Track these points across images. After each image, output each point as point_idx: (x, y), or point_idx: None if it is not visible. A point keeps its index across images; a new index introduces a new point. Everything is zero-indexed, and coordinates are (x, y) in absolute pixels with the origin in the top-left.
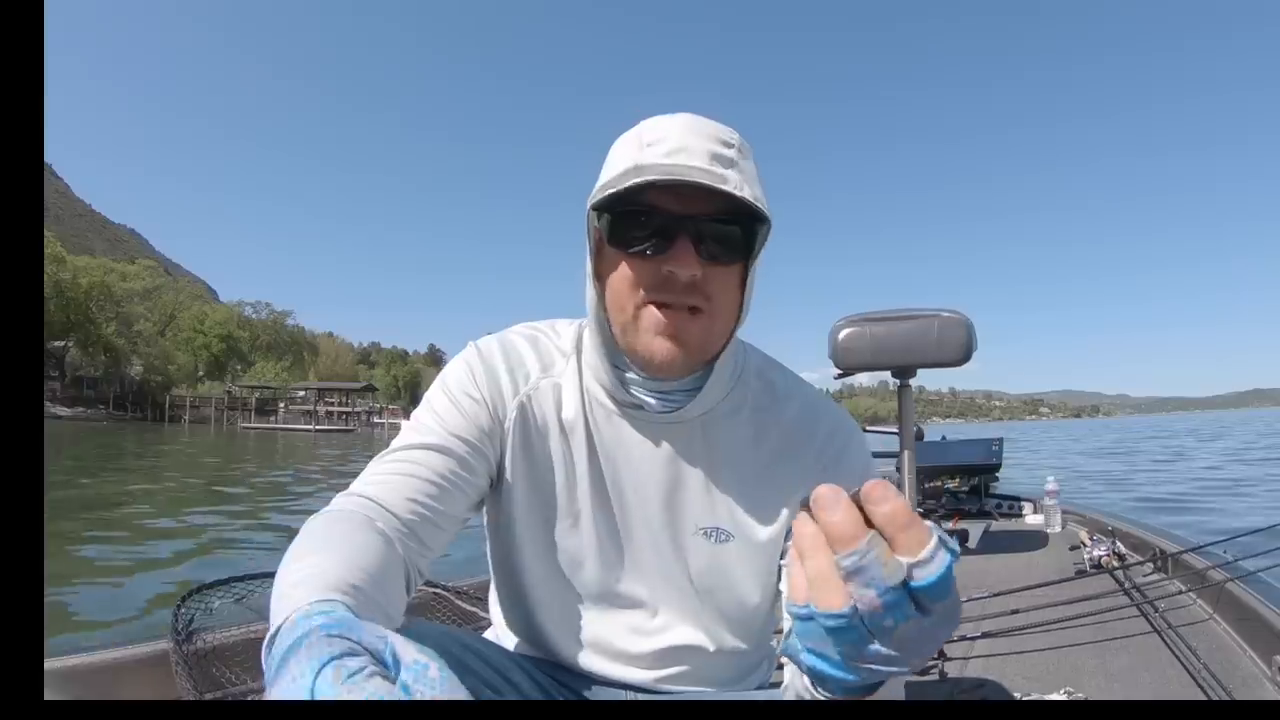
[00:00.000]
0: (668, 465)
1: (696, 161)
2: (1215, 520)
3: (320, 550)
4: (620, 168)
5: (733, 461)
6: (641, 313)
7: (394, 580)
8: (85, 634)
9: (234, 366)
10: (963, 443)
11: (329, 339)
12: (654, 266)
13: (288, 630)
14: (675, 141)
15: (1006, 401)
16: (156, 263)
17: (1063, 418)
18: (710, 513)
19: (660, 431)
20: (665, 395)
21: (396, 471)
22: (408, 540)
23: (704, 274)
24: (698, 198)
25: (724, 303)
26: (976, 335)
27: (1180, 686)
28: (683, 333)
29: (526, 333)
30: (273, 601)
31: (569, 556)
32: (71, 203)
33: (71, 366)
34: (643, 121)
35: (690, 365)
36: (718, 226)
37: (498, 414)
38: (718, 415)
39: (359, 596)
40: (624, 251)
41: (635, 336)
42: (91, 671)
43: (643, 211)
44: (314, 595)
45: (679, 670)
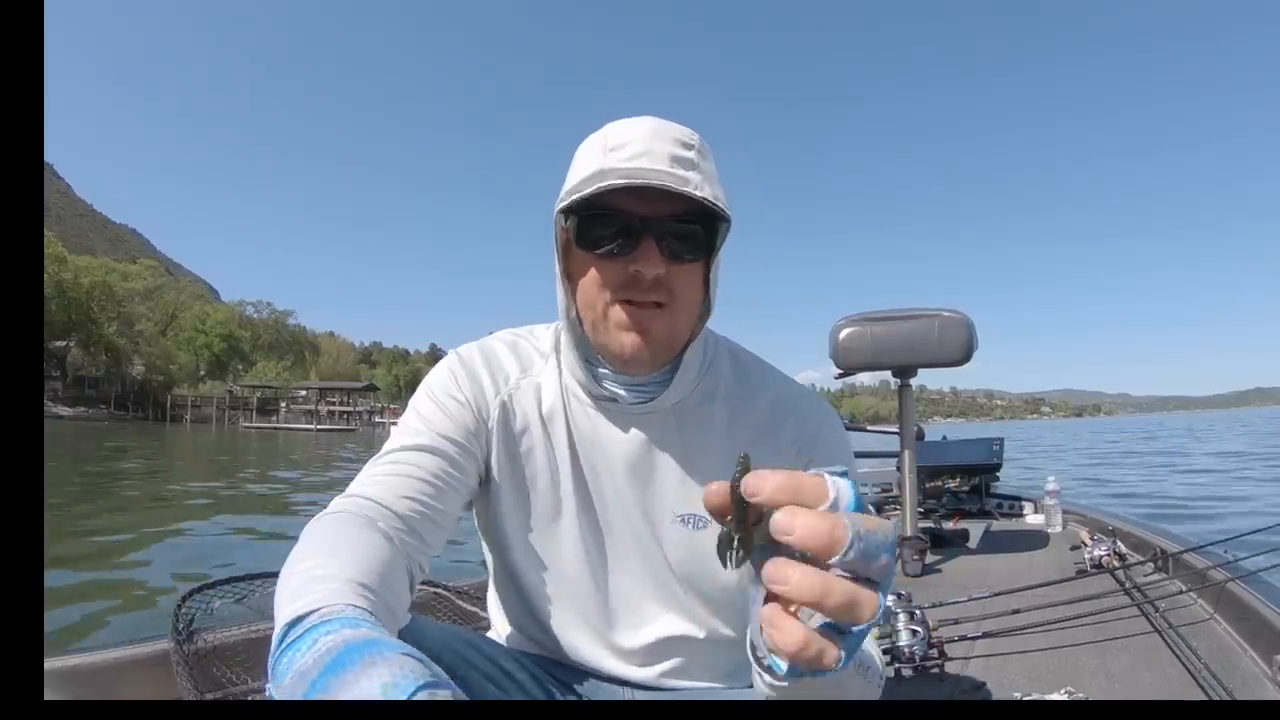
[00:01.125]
0: (643, 455)
1: (659, 165)
2: (1216, 522)
3: (327, 551)
4: (585, 172)
5: (707, 448)
6: (610, 310)
7: (399, 579)
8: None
9: (235, 366)
10: (963, 443)
11: (330, 338)
12: (620, 266)
13: (325, 636)
14: (638, 146)
15: (1008, 401)
16: (158, 262)
17: (1064, 417)
18: (686, 500)
19: (634, 422)
20: (638, 387)
21: (391, 473)
22: (408, 538)
23: (668, 272)
24: (660, 199)
25: (688, 298)
26: (977, 335)
27: (1181, 686)
28: (649, 328)
29: (506, 338)
30: (282, 599)
31: (555, 551)
32: (73, 203)
33: (73, 366)
34: (607, 125)
35: (657, 359)
36: (680, 226)
37: (482, 415)
38: (690, 404)
39: (370, 597)
40: (591, 253)
41: (605, 333)
42: (91, 671)
43: (608, 214)
44: (333, 597)
45: (674, 663)
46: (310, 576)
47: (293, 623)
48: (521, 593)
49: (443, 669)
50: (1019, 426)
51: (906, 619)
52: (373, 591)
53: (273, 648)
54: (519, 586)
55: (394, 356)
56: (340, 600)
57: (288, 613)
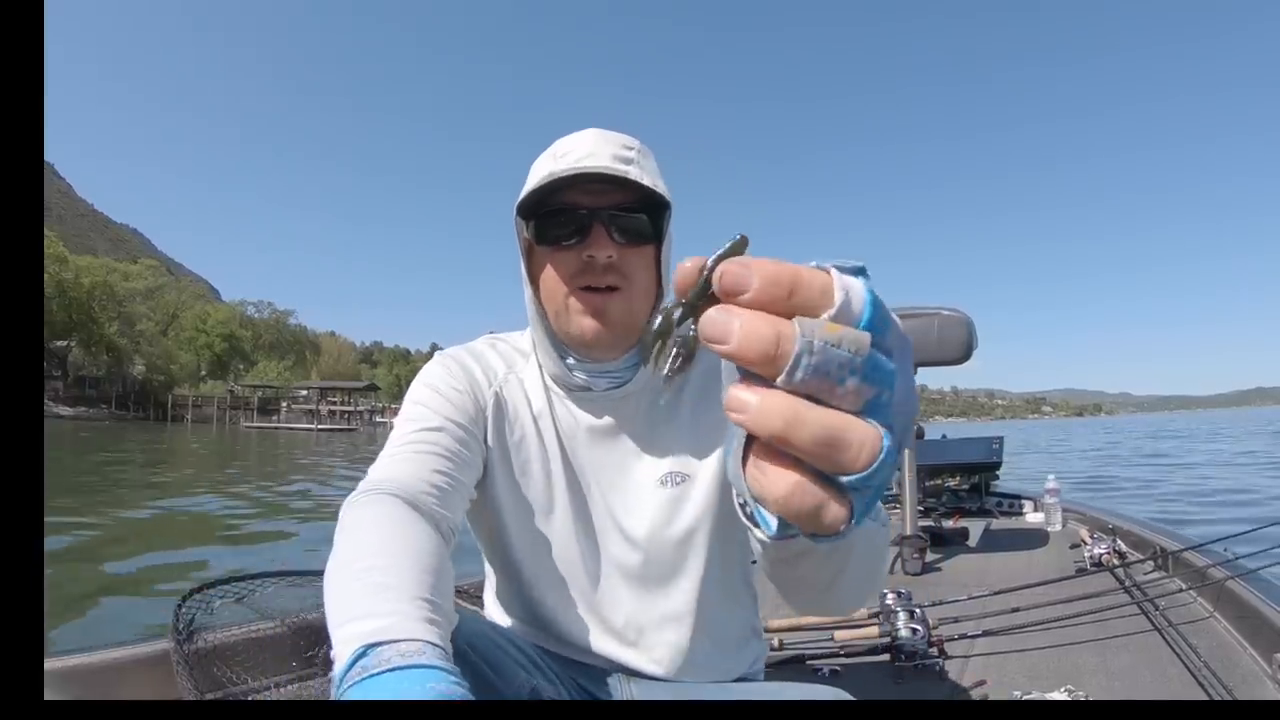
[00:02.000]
0: (619, 437)
1: (601, 162)
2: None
3: (379, 548)
4: (537, 177)
5: (672, 419)
6: (570, 300)
7: (448, 575)
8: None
9: (236, 366)
10: (963, 441)
11: (331, 338)
12: (575, 255)
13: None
14: (583, 150)
15: (1009, 400)
16: (159, 262)
17: (1065, 416)
18: (660, 465)
19: (608, 408)
20: (608, 374)
21: (416, 451)
22: (442, 510)
23: (619, 256)
24: (606, 192)
25: (641, 282)
26: (977, 333)
27: (1181, 685)
28: (607, 311)
29: (487, 341)
30: (341, 604)
31: (550, 541)
32: (74, 203)
33: (74, 366)
34: (555, 141)
35: (618, 342)
36: (625, 215)
37: (480, 403)
38: (657, 385)
39: (435, 617)
40: (550, 248)
41: (567, 321)
42: (91, 671)
43: (560, 210)
44: (405, 626)
45: (675, 646)
46: (372, 584)
47: (367, 648)
48: (519, 585)
49: (482, 656)
50: (1020, 426)
51: (906, 617)
52: (434, 605)
53: (342, 668)
54: (517, 579)
55: (395, 356)
56: (416, 634)
57: (359, 633)
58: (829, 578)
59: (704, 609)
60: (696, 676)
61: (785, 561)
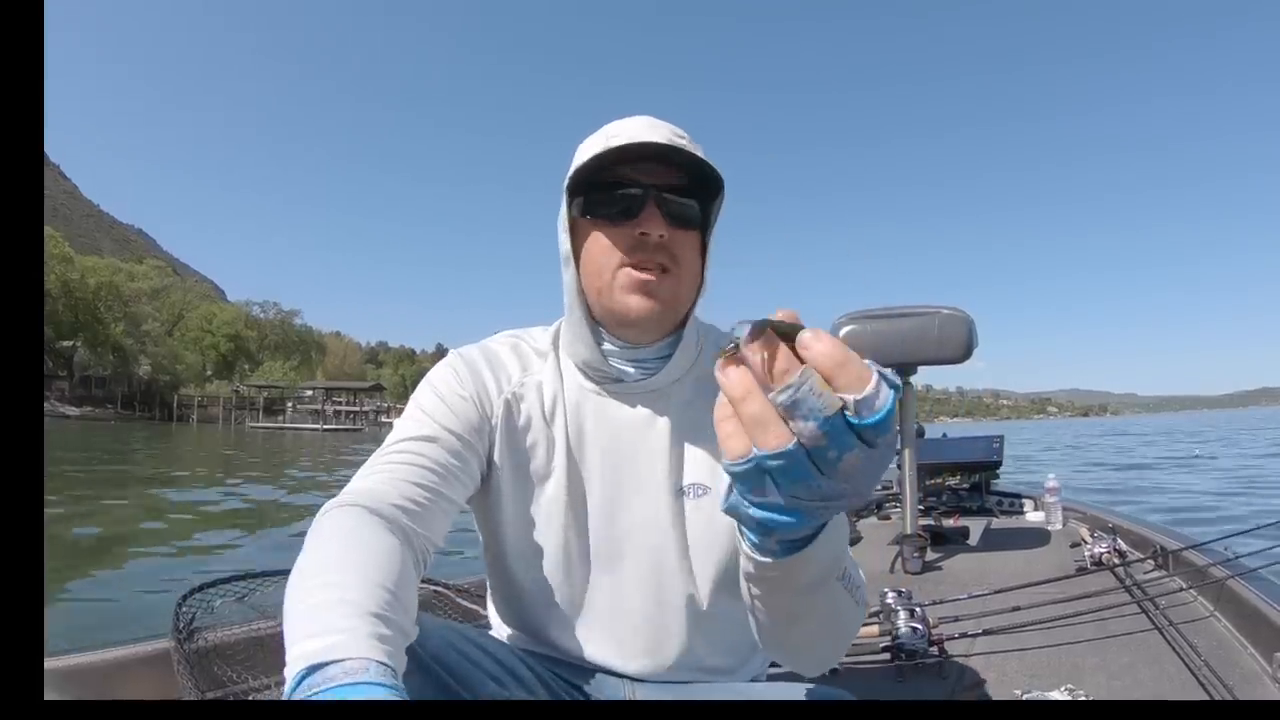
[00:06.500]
0: (645, 433)
1: (657, 140)
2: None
3: (339, 562)
4: (590, 154)
5: (700, 423)
6: (618, 274)
7: (410, 588)
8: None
9: (242, 366)
10: (963, 440)
11: (336, 338)
12: (627, 230)
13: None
14: (635, 133)
15: (1014, 400)
16: (164, 262)
17: (1071, 417)
18: (684, 474)
19: (638, 400)
20: (641, 363)
21: (398, 463)
22: (416, 527)
23: (670, 236)
24: (658, 172)
25: (689, 265)
26: (977, 332)
27: (1181, 684)
28: (656, 289)
29: (505, 340)
30: (295, 620)
31: (556, 547)
32: (79, 203)
33: (80, 366)
34: (605, 125)
35: (662, 322)
36: (678, 196)
37: (486, 411)
38: (685, 384)
39: (387, 633)
40: (599, 221)
41: (612, 297)
42: (91, 671)
43: (614, 184)
44: (354, 645)
45: (680, 654)
46: (326, 600)
47: (312, 669)
48: (521, 590)
49: (446, 669)
50: (1023, 427)
51: (907, 616)
52: (389, 621)
53: (289, 688)
54: (519, 584)
55: (400, 356)
56: (362, 652)
57: (307, 652)
58: (799, 611)
59: (712, 618)
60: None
61: (763, 582)
